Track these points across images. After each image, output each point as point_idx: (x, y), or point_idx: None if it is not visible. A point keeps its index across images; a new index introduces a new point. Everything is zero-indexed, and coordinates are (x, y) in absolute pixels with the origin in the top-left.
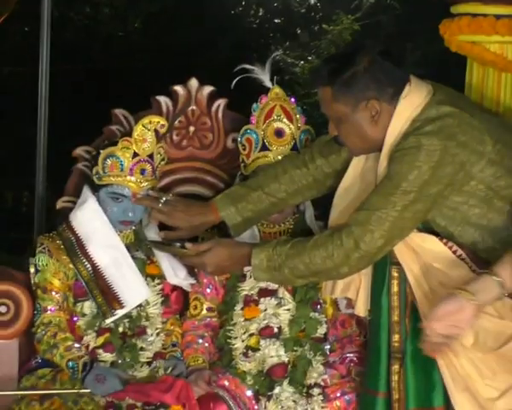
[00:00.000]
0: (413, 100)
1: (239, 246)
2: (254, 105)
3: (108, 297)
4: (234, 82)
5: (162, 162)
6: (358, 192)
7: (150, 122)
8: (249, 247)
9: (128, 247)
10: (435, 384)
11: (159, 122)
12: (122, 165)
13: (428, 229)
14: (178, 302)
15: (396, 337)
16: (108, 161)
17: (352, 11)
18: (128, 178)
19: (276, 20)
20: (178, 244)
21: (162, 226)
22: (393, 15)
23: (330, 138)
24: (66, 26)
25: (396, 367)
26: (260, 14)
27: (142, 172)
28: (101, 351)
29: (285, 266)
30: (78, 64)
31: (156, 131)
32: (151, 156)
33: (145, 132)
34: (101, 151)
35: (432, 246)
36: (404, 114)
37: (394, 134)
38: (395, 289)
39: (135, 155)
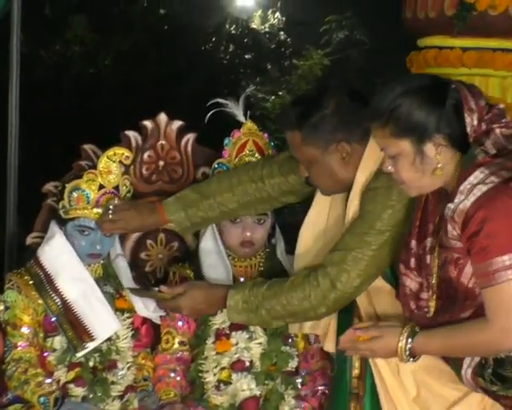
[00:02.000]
0: None
1: (214, 288)
2: (226, 140)
3: (78, 331)
4: (208, 116)
5: (128, 194)
6: (326, 227)
7: (115, 154)
8: (224, 289)
9: (97, 281)
10: None
11: (123, 154)
12: (88, 197)
13: None
14: (149, 335)
15: (356, 373)
16: (74, 194)
17: (322, 46)
18: (94, 210)
19: (246, 56)
20: (156, 289)
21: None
22: (362, 50)
23: (290, 156)
24: (35, 63)
25: (353, 404)
26: (231, 49)
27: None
28: (72, 386)
29: (262, 307)
30: (48, 102)
31: (121, 162)
32: (117, 188)
33: (110, 164)
34: (67, 185)
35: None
36: (374, 153)
37: (365, 173)
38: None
39: (100, 187)
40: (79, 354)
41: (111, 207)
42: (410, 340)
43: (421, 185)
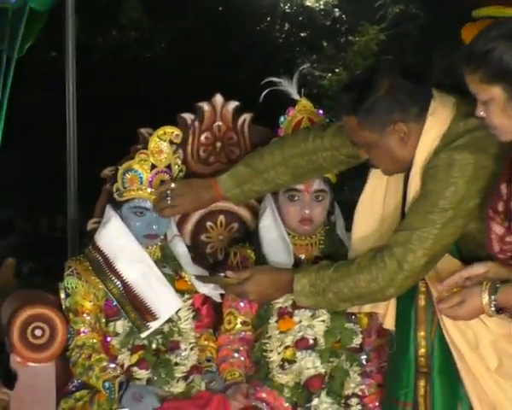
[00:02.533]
0: (439, 116)
1: (280, 272)
2: (282, 118)
3: (141, 311)
4: (262, 95)
5: (181, 173)
6: (383, 204)
7: (165, 133)
8: (290, 273)
9: (155, 263)
10: (462, 398)
11: (173, 132)
12: (141, 178)
13: None
14: (210, 316)
15: (422, 352)
16: (127, 176)
17: (378, 21)
18: (148, 190)
19: (301, 34)
20: (222, 274)
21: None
22: (418, 24)
23: (342, 127)
24: (92, 50)
25: (422, 382)
26: (286, 28)
27: (162, 183)
28: (136, 369)
29: (329, 290)
30: (105, 87)
31: (172, 141)
32: (169, 167)
33: (161, 144)
34: (120, 167)
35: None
36: (432, 131)
37: (424, 152)
38: (422, 303)
39: (153, 166)
40: (143, 335)
41: (168, 192)
42: (493, 296)
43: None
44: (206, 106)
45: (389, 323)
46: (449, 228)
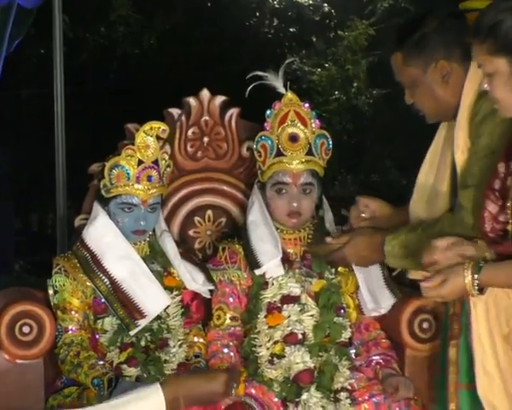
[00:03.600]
0: None
1: (375, 234)
2: (268, 111)
3: (129, 309)
4: (248, 89)
5: (168, 169)
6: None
7: (151, 128)
8: (383, 234)
9: (144, 259)
10: None
11: (160, 127)
12: (128, 174)
13: None
14: (199, 311)
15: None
16: (114, 172)
17: (367, 16)
18: (136, 186)
19: (291, 29)
20: (328, 239)
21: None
22: (408, 18)
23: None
24: (81, 46)
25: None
26: (275, 23)
27: (149, 178)
28: (125, 366)
29: (418, 252)
30: (94, 83)
31: (158, 137)
32: (156, 162)
33: (147, 139)
34: (106, 163)
35: None
36: (478, 74)
37: (470, 96)
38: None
39: (139, 162)
40: (132, 333)
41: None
42: (476, 275)
43: None
44: (193, 101)
45: None
46: None
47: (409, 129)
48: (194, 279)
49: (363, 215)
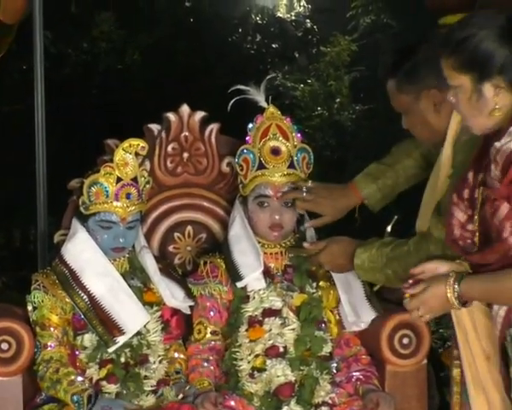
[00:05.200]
0: None
1: (350, 243)
2: (250, 125)
3: (108, 326)
4: (230, 104)
5: (147, 186)
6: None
7: (130, 145)
8: (358, 244)
9: (123, 275)
10: None
11: (139, 145)
12: (107, 191)
13: None
14: (180, 327)
15: None
16: (93, 189)
17: (349, 32)
18: (114, 203)
19: (273, 45)
20: (306, 244)
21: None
22: (390, 34)
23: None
24: (63, 62)
25: None
26: (257, 39)
27: (128, 196)
28: (104, 383)
29: (387, 268)
30: (77, 99)
31: (137, 154)
32: (135, 180)
33: (126, 156)
34: (85, 180)
35: None
36: None
37: (456, 124)
38: None
39: (118, 179)
40: (111, 350)
41: (304, 188)
42: (456, 285)
43: (479, 123)
44: (172, 116)
45: None
46: None
47: (391, 145)
48: (173, 296)
49: (306, 197)
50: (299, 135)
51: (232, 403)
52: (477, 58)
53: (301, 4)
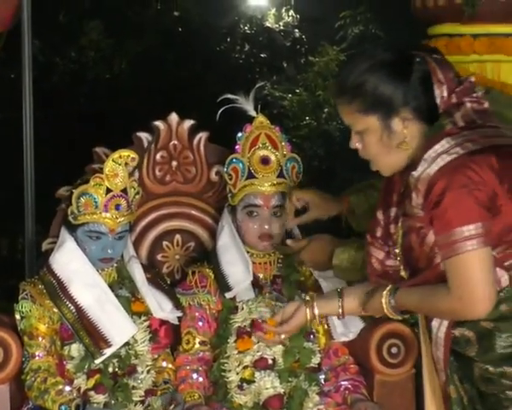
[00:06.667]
0: None
1: (332, 241)
2: (239, 134)
3: (95, 337)
4: (219, 113)
5: (137, 196)
6: None
7: (120, 157)
8: (335, 244)
9: (112, 285)
10: None
11: (129, 156)
12: (96, 202)
13: None
14: (168, 337)
15: None
16: (82, 200)
17: (337, 42)
18: (103, 214)
19: (262, 55)
20: (289, 241)
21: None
22: (378, 44)
23: None
24: (52, 70)
25: None
26: (246, 49)
27: (117, 207)
28: (92, 393)
29: (365, 269)
30: (65, 108)
31: (127, 164)
32: (125, 191)
33: (116, 167)
34: (74, 191)
35: None
36: None
37: None
38: None
39: (108, 190)
40: (97, 361)
41: (298, 205)
42: (391, 298)
43: (389, 161)
44: (161, 125)
45: None
46: None
47: None
48: (161, 307)
49: (298, 207)
50: (288, 144)
51: None
52: (380, 97)
53: (290, 14)
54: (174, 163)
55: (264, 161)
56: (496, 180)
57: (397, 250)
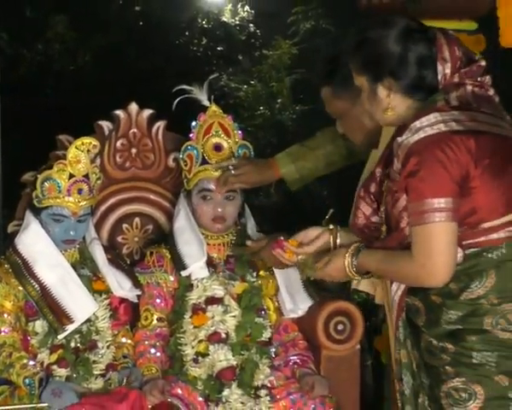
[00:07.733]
0: None
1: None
2: (194, 123)
3: (58, 314)
4: (175, 103)
5: (98, 181)
6: None
7: (83, 144)
8: None
9: (74, 265)
10: None
11: (91, 143)
12: (59, 187)
13: None
14: (127, 314)
15: None
16: (46, 184)
17: (290, 36)
18: (66, 198)
19: (218, 48)
20: (249, 242)
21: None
22: (328, 38)
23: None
24: (19, 62)
25: None
26: (203, 42)
27: (80, 191)
28: (55, 367)
29: None
30: (31, 98)
31: (89, 151)
32: (87, 176)
33: (79, 154)
34: (39, 176)
35: None
36: None
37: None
38: None
39: (71, 176)
40: (60, 337)
41: (231, 166)
42: (354, 258)
43: (379, 120)
44: (121, 114)
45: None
46: None
47: None
48: (121, 286)
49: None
50: (240, 132)
51: (179, 391)
52: (371, 60)
53: (245, 10)
54: (134, 150)
55: (217, 147)
56: (471, 163)
57: (382, 208)
